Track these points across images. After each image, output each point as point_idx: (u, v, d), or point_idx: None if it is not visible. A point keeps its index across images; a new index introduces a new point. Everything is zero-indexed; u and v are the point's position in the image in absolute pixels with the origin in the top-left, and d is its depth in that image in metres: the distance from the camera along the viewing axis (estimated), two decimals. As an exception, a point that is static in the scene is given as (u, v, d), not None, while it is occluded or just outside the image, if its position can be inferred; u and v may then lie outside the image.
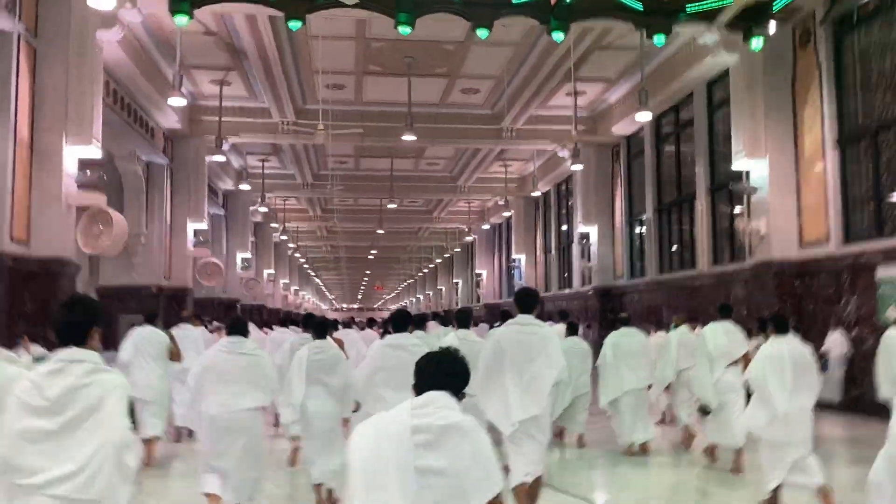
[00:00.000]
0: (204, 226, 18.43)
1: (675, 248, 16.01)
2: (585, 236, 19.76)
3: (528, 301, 5.45)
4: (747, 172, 12.09)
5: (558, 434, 8.63)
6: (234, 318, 5.93)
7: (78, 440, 2.67)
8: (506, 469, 4.88)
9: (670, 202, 16.31)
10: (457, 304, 41.20)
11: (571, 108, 17.65)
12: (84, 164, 10.65)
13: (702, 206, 14.15)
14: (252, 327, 10.00)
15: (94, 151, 10.48)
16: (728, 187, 13.05)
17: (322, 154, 23.02)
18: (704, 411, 7.74)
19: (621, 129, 17.71)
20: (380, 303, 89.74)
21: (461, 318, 7.38)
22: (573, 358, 7.81)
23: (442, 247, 41.71)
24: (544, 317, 22.97)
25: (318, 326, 6.37)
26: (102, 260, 17.31)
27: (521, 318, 5.33)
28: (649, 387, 8.64)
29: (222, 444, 5.20)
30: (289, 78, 15.61)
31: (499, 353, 5.22)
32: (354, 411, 6.12)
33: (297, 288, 46.54)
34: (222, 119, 16.80)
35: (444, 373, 2.52)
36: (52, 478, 2.61)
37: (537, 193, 21.92)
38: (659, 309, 15.92)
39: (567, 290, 22.52)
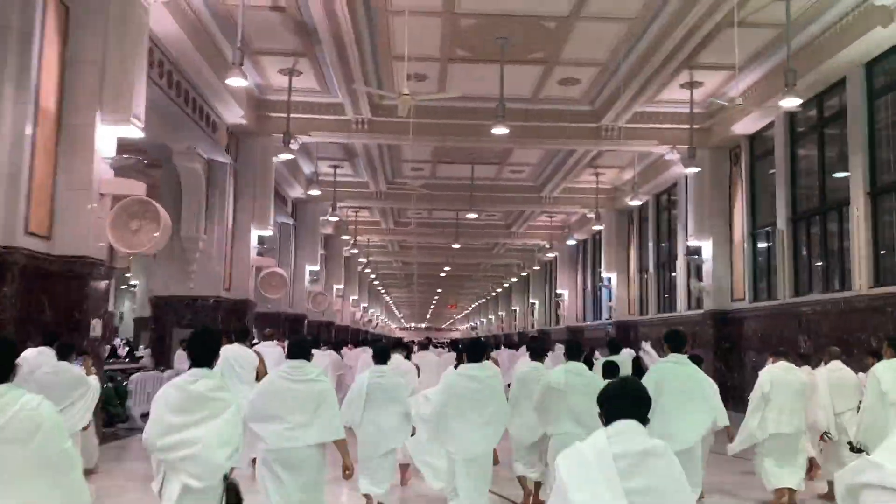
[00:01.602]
0: (269, 232, 16.74)
1: (818, 264, 13.36)
2: (696, 252, 17.24)
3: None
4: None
5: None
6: (296, 339, 5.47)
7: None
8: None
9: (809, 210, 13.70)
10: (532, 326, 38.83)
11: (682, 104, 15.37)
12: (123, 149, 9.01)
13: (858, 212, 11.55)
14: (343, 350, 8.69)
15: (135, 132, 8.78)
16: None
17: (398, 159, 21.22)
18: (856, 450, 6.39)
19: (744, 127, 15.23)
20: (448, 322, 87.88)
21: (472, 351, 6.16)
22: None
23: (518, 265, 39.47)
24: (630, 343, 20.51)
25: (381, 352, 6.69)
26: (157, 268, 15.80)
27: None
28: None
29: (279, 482, 4.79)
30: (365, 65, 13.78)
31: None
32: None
33: (367, 305, 44.96)
34: (291, 115, 15.13)
35: (632, 401, 2.72)
36: None
37: (636, 203, 19.48)
38: (793, 338, 13.31)
39: (669, 314, 19.94)
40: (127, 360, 18.20)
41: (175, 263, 15.22)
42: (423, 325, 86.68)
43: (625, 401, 2.73)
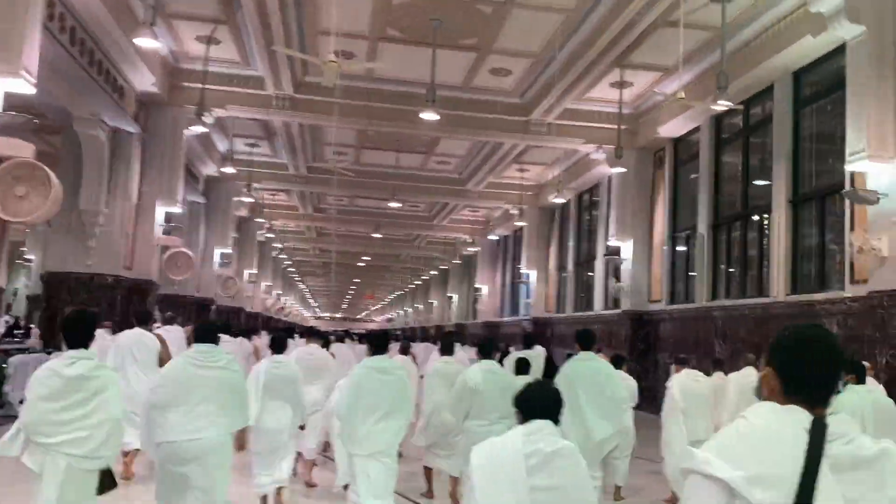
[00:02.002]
0: (178, 210, 15.74)
1: (736, 270, 13.47)
2: (615, 252, 17.23)
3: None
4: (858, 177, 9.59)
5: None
6: (203, 322, 5.43)
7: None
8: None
9: (731, 216, 13.81)
10: (450, 320, 38.61)
11: (611, 104, 15.30)
12: (14, 109, 8.05)
13: (779, 220, 11.65)
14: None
15: (25, 87, 7.85)
16: (821, 196, 10.67)
17: (320, 142, 20.46)
18: None
19: (670, 129, 15.26)
20: (364, 314, 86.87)
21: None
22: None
23: (438, 258, 39.16)
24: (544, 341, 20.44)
25: (276, 342, 6.54)
26: (53, 242, 14.62)
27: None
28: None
29: (180, 477, 4.37)
30: (289, 37, 13.02)
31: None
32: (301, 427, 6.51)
33: (280, 292, 43.74)
34: (207, 86, 14.21)
35: (548, 403, 2.96)
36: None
37: (560, 200, 19.41)
38: (708, 342, 13.41)
39: (586, 313, 19.97)
40: (14, 340, 16.82)
41: (72, 237, 14.08)
42: (339, 315, 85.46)
43: (540, 402, 2.97)
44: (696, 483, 1.64)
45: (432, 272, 42.39)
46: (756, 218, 12.96)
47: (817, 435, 1.60)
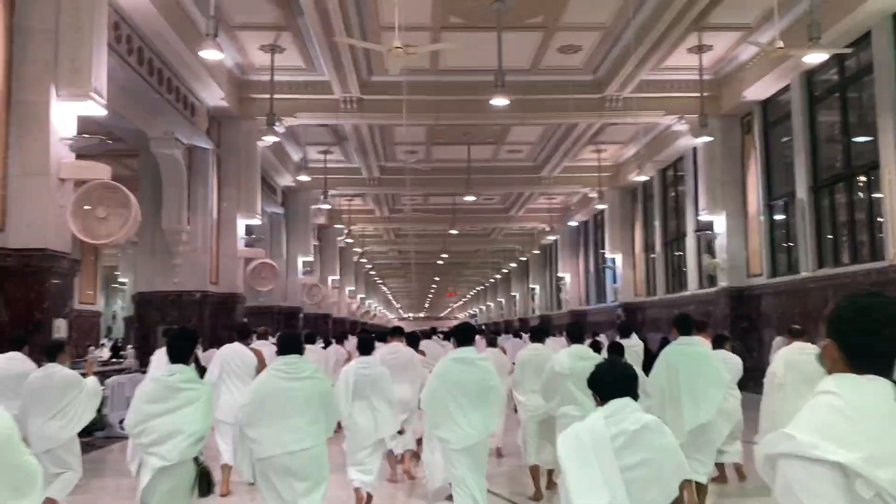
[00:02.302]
0: (257, 221, 15.84)
1: (845, 235, 12.50)
2: (707, 227, 16.39)
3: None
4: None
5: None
6: (287, 333, 5.06)
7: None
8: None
9: (832, 177, 12.84)
10: (533, 312, 38.04)
11: (690, 71, 14.50)
12: (92, 133, 8.06)
13: (889, 176, 10.68)
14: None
15: (96, 109, 7.85)
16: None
17: (390, 142, 20.29)
18: None
19: (756, 92, 14.35)
20: (447, 311, 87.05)
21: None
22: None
23: (517, 249, 38.64)
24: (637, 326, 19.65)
25: (362, 343, 6.60)
26: (140, 263, 14.90)
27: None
28: None
29: (281, 489, 4.42)
30: (351, 35, 12.80)
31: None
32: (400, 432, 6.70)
33: (364, 296, 44.08)
34: (275, 96, 14.20)
35: (622, 380, 2.92)
36: None
37: (642, 178, 18.60)
38: (818, 314, 12.48)
39: (679, 294, 19.11)
40: (112, 362, 17.28)
41: (158, 257, 14.31)
42: (422, 315, 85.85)
43: (615, 381, 2.93)
44: (805, 470, 1.53)
45: (512, 264, 41.88)
46: (862, 177, 11.96)
47: None
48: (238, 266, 15.35)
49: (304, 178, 17.36)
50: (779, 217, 14.74)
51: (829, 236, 12.84)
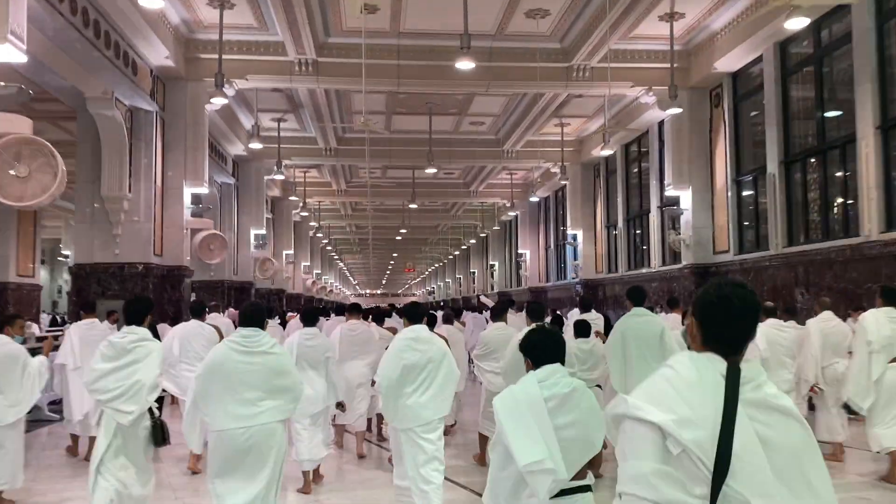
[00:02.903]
0: (205, 190, 14.95)
1: (816, 210, 12.20)
2: (673, 202, 16.02)
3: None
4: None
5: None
6: (250, 304, 4.82)
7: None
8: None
9: (805, 151, 12.51)
10: (492, 289, 37.66)
11: (661, 40, 14.03)
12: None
13: (867, 149, 10.35)
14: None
15: (15, 54, 6.93)
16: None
17: (348, 111, 19.45)
18: (850, 410, 7.19)
19: (727, 63, 13.92)
20: (404, 288, 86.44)
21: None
22: None
23: (477, 226, 38.13)
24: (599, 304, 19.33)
25: (306, 315, 6.71)
26: (76, 232, 13.92)
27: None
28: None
29: (234, 466, 4.23)
30: (307, -7, 12.00)
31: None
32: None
33: (320, 272, 43.14)
34: (224, 56, 13.27)
35: (553, 347, 3.13)
36: None
37: (607, 152, 18.10)
38: (787, 290, 12.22)
39: (641, 270, 18.80)
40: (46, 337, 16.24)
41: (98, 227, 13.40)
42: (379, 291, 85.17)
43: (547, 347, 3.11)
44: (632, 427, 1.77)
45: (471, 241, 41.39)
46: (836, 150, 11.63)
47: (733, 380, 1.77)
48: (184, 237, 14.47)
49: (256, 145, 16.45)
50: (747, 193, 14.42)
51: (802, 211, 12.53)
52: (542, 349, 3.11)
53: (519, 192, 28.94)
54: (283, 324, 13.30)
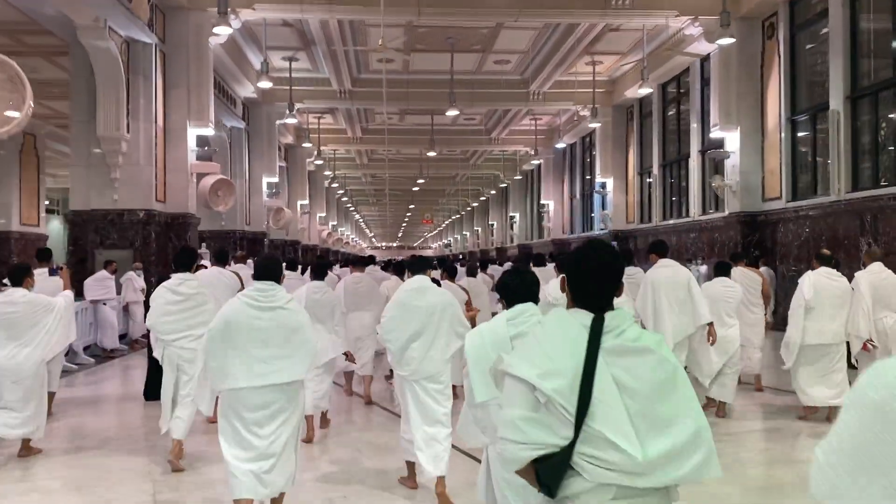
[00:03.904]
0: (210, 131, 13.84)
1: (884, 151, 10.92)
2: (717, 145, 14.74)
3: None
4: None
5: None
6: (265, 256, 4.70)
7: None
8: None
9: (876, 85, 11.17)
10: (512, 241, 36.56)
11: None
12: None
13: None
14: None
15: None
16: None
17: (364, 48, 18.15)
18: None
19: (786, -12, 12.48)
20: (421, 241, 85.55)
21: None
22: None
23: (498, 176, 36.85)
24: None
25: (316, 269, 6.95)
26: (74, 178, 12.92)
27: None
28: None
29: (245, 427, 3.98)
30: None
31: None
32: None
33: (336, 223, 42.19)
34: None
35: (526, 287, 3.18)
36: None
37: (647, 90, 16.71)
38: (851, 240, 11.04)
39: (680, 220, 17.59)
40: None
41: (94, 171, 12.41)
42: (395, 244, 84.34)
43: (519, 288, 3.19)
44: (508, 381, 1.97)
45: (491, 191, 40.13)
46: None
47: (595, 331, 1.92)
48: (189, 182, 13.44)
49: (265, 84, 15.25)
50: (803, 134, 13.12)
51: (870, 152, 11.25)
52: (513, 290, 3.18)
53: (543, 139, 27.60)
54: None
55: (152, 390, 7.29)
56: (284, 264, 11.06)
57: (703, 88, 16.29)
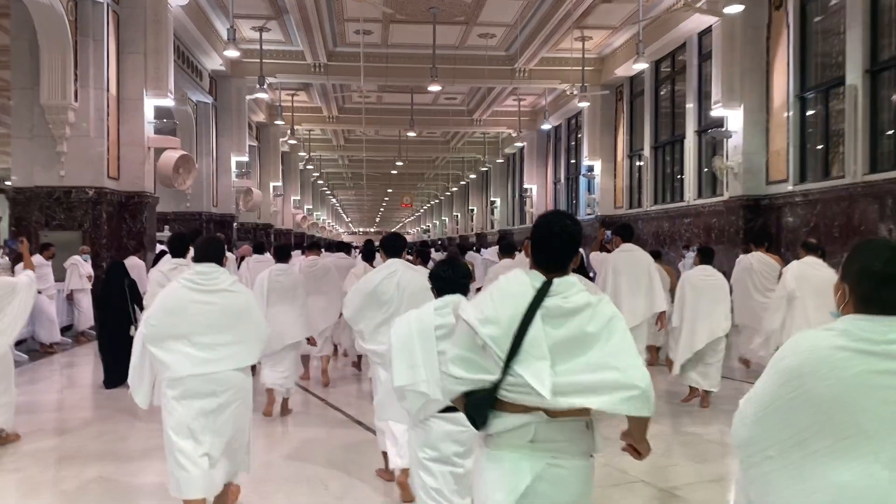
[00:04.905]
0: (169, 102, 12.62)
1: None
2: (717, 124, 13.82)
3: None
4: None
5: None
6: (206, 237, 4.15)
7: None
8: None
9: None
10: (492, 227, 35.60)
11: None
12: None
13: None
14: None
15: None
16: None
17: (339, 18, 16.98)
18: None
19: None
20: (398, 226, 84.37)
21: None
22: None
23: (479, 159, 35.80)
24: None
25: (279, 251, 6.96)
26: (15, 151, 11.67)
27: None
28: None
29: (190, 419, 3.74)
30: None
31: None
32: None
33: (311, 207, 40.90)
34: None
35: (457, 279, 3.30)
36: None
37: (641, 66, 15.67)
38: (869, 226, 10.18)
39: (673, 204, 16.70)
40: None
41: (37, 144, 11.17)
42: (372, 230, 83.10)
43: (449, 279, 3.29)
44: (459, 324, 2.22)
45: (471, 175, 39.10)
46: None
47: (541, 291, 2.14)
48: (146, 158, 12.24)
49: (232, 53, 14.00)
50: (812, 112, 12.22)
51: (889, 131, 10.37)
52: (444, 280, 3.27)
53: (527, 120, 26.59)
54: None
55: (115, 378, 7.27)
56: (252, 247, 10.34)
57: (701, 65, 15.36)
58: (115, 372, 7.25)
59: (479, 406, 2.10)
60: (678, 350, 6.84)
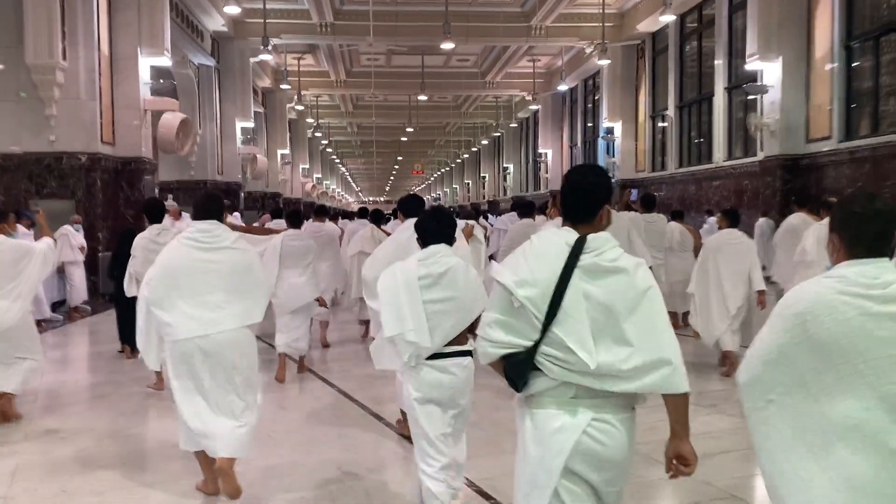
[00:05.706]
0: (166, 61, 11.84)
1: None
2: (751, 78, 12.92)
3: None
4: None
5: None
6: (205, 193, 4.23)
7: None
8: None
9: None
10: (505, 193, 34.77)
11: None
12: None
13: None
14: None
15: None
16: None
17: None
18: None
19: None
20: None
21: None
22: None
23: (491, 124, 34.83)
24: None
25: (292, 217, 6.93)
26: (1, 116, 10.94)
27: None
28: None
29: (198, 381, 3.69)
30: None
31: None
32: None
33: (320, 176, 40.10)
34: None
35: (441, 228, 3.31)
36: None
37: (668, 18, 14.71)
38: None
39: (700, 166, 15.85)
40: None
41: (25, 106, 10.44)
42: (382, 199, 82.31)
43: (434, 229, 3.30)
44: (494, 287, 2.16)
45: (483, 142, 38.15)
46: None
47: (576, 248, 2.09)
48: (143, 121, 11.50)
49: (233, 9, 13.14)
50: (859, 63, 11.30)
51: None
52: (429, 231, 3.28)
53: (542, 82, 25.64)
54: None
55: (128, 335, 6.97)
56: (269, 214, 10.17)
57: (732, 17, 14.40)
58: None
59: (519, 368, 2.09)
60: (711, 321, 6.21)
